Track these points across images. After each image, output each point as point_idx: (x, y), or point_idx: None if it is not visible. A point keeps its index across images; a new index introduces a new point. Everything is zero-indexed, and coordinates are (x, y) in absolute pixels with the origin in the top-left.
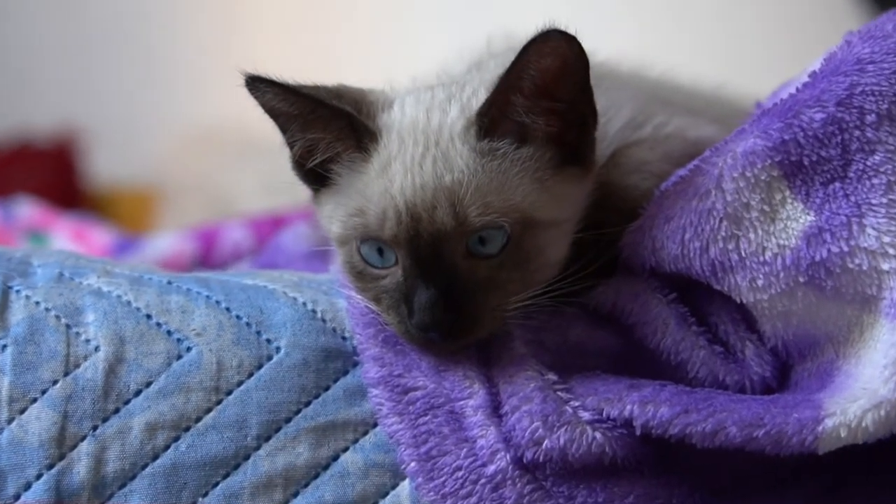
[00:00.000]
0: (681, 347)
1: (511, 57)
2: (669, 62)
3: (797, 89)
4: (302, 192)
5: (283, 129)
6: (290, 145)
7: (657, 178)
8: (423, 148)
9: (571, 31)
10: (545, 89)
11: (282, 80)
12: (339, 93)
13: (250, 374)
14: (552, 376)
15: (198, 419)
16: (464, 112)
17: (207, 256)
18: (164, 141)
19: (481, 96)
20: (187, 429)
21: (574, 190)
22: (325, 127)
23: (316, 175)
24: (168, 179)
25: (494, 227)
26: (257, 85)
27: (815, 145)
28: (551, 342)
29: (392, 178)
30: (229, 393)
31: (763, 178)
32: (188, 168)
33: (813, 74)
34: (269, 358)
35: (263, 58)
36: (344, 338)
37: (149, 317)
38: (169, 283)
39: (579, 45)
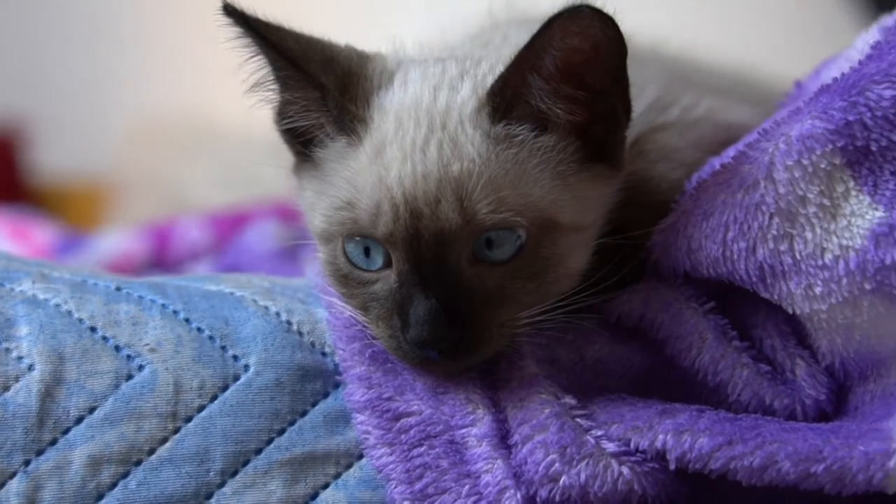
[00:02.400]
0: (720, 366)
1: (528, 32)
2: (685, 38)
3: (860, 62)
4: (267, 186)
5: (272, 72)
6: (278, 92)
7: (688, 167)
8: (427, 130)
9: (608, 9)
10: (569, 73)
11: (257, 22)
12: (333, 56)
13: (214, 398)
14: (570, 400)
15: (151, 451)
16: (476, 91)
17: (161, 257)
18: (115, 131)
19: (497, 73)
20: (138, 463)
21: (600, 191)
22: (298, 90)
23: (298, 138)
24: (119, 172)
25: (508, 227)
26: (231, 22)
27: (886, 128)
28: (567, 360)
29: (388, 164)
30: (189, 420)
31: (823, 166)
32: (141, 160)
33: (878, 45)
34: (236, 378)
35: (225, 42)
36: (324, 354)
37: (93, 329)
38: (118, 289)
39: (616, 27)
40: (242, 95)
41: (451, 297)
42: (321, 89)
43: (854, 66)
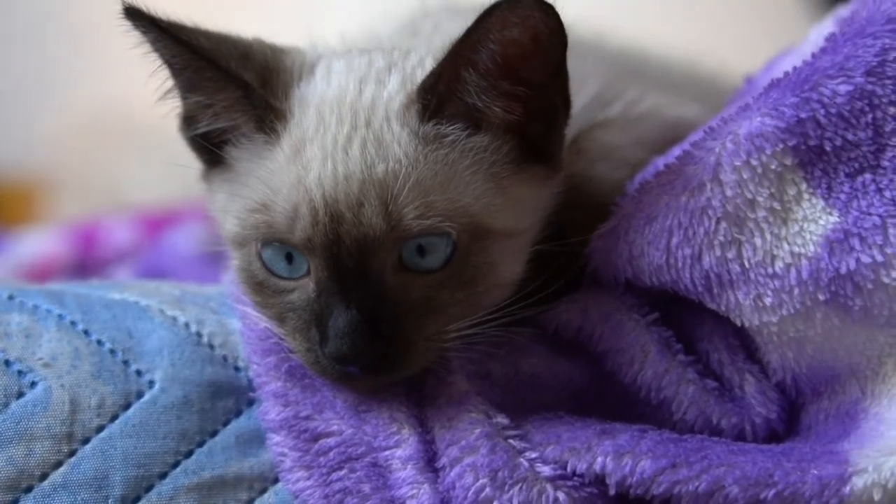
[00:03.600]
0: (664, 382)
1: (461, 21)
2: (634, 29)
3: (813, 56)
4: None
5: (172, 76)
6: (181, 98)
7: (630, 166)
8: (350, 128)
9: None
10: (507, 68)
11: (165, 22)
12: (248, 51)
13: (114, 417)
14: (502, 419)
15: (43, 476)
16: (405, 86)
17: (85, 259)
18: (48, 125)
19: (428, 67)
20: (28, 489)
21: (536, 194)
22: (216, 92)
23: (206, 145)
24: (54, 169)
25: (437, 233)
26: (136, 21)
27: (840, 126)
28: (500, 375)
29: (307, 164)
30: (86, 441)
31: (773, 167)
32: (77, 156)
33: (832, 37)
34: (140, 395)
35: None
36: (237, 368)
37: None
38: (10, 297)
39: (557, 17)
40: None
41: (373, 307)
42: (243, 87)
43: (807, 59)
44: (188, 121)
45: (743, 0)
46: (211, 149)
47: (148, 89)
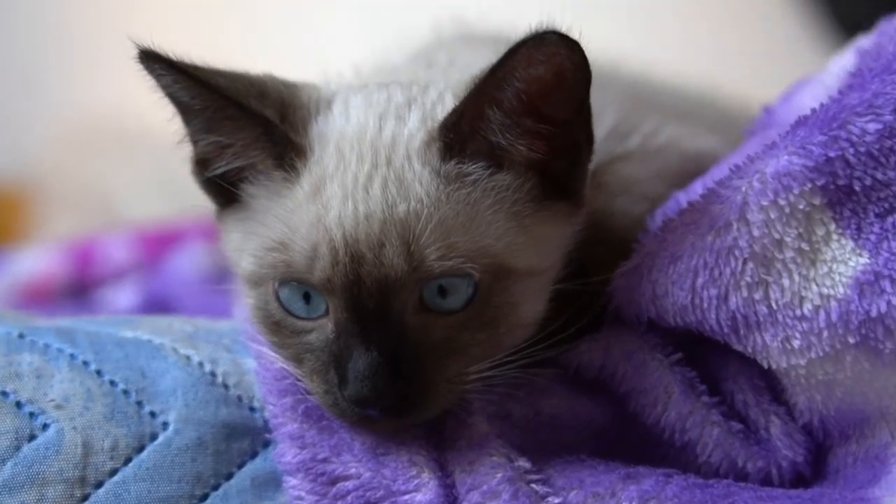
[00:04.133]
0: (688, 424)
1: (478, 53)
2: (643, 58)
3: (840, 92)
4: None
5: (185, 121)
6: (192, 142)
7: (650, 201)
8: (371, 166)
9: (574, 34)
10: (531, 106)
11: (184, 63)
12: (263, 89)
13: (128, 460)
14: (524, 463)
15: None
16: (425, 122)
17: (83, 278)
18: (38, 133)
19: (448, 104)
20: None
21: (559, 231)
22: (235, 131)
23: (221, 187)
24: (43, 179)
25: (459, 274)
26: (152, 65)
27: (869, 165)
28: (521, 416)
29: (327, 203)
30: (99, 485)
31: (801, 206)
32: (67, 166)
33: (859, 73)
34: (154, 437)
35: (161, 38)
36: (252, 409)
37: None
38: (20, 336)
39: (582, 53)
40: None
41: (394, 349)
42: (264, 124)
43: (833, 95)
44: (202, 163)
45: (748, 27)
46: (226, 188)
47: (139, 96)
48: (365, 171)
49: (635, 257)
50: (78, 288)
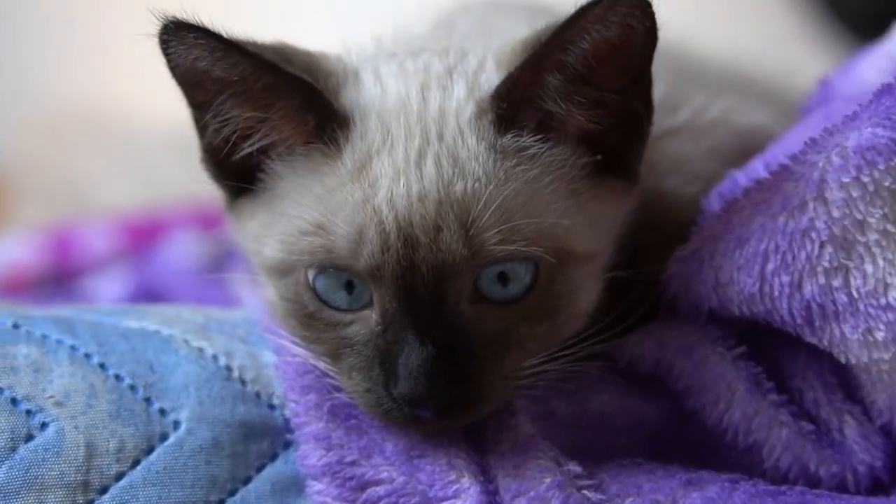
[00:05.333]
0: (754, 424)
1: (509, 18)
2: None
3: None
4: (184, 186)
5: (202, 103)
6: (204, 126)
7: (703, 180)
8: (422, 141)
9: None
10: (595, 71)
11: (219, 31)
12: (287, 56)
13: (135, 463)
14: (574, 467)
15: None
16: (472, 92)
17: (60, 268)
18: (9, 121)
19: (491, 71)
20: None
21: (613, 210)
22: (271, 103)
23: (237, 173)
24: (14, 168)
25: (520, 259)
26: (183, 35)
27: None
28: (566, 414)
29: (375, 182)
30: (104, 491)
31: (887, 184)
32: (40, 154)
33: None
34: (164, 437)
35: (140, 25)
36: (272, 407)
37: None
38: (15, 326)
39: (654, 17)
40: (156, 84)
41: (449, 343)
42: (304, 91)
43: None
44: (218, 151)
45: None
46: (245, 173)
47: (113, 83)
48: (416, 146)
49: (694, 241)
50: (55, 278)
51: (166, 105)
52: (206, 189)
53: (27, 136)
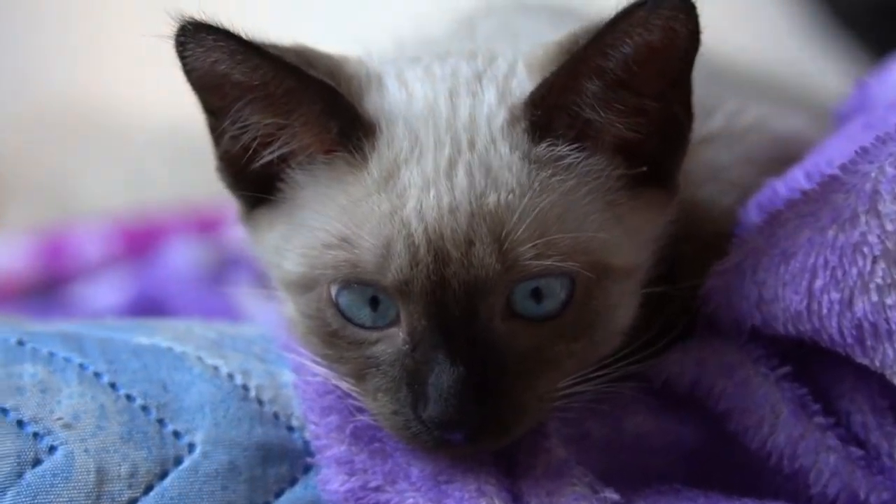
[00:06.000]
0: (800, 448)
1: (533, 20)
2: None
3: None
4: (176, 188)
5: (219, 109)
6: (220, 133)
7: (740, 190)
8: (452, 150)
9: None
10: (636, 77)
11: (239, 32)
12: (308, 59)
13: (149, 488)
14: (611, 494)
15: None
16: (504, 99)
17: (52, 273)
18: None
19: (522, 76)
20: None
21: (652, 223)
22: (294, 108)
23: (255, 183)
24: (1, 170)
25: (556, 274)
26: (201, 37)
27: None
28: (600, 436)
29: (403, 193)
30: None
31: None
32: (25, 155)
33: None
34: (178, 461)
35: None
36: (291, 429)
37: None
38: (20, 343)
39: (697, 20)
40: (147, 82)
41: (481, 362)
42: (327, 96)
43: None
44: (236, 159)
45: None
46: (263, 183)
47: (104, 82)
48: (446, 155)
49: (735, 254)
50: (46, 285)
51: (157, 105)
52: (198, 191)
53: (15, 134)
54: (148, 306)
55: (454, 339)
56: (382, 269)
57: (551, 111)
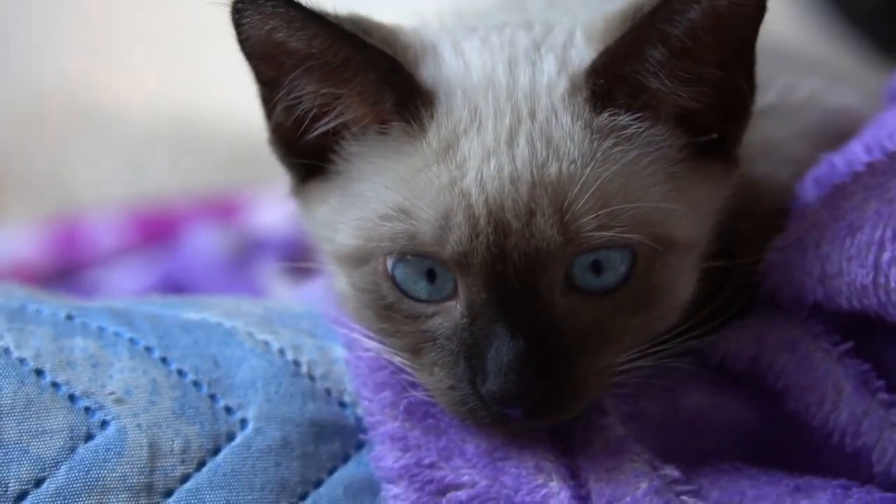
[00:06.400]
0: (863, 426)
1: None
2: None
3: None
4: (177, 178)
5: (273, 79)
6: (273, 105)
7: (795, 164)
8: (513, 120)
9: None
10: (702, 45)
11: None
12: (365, 28)
13: (201, 464)
14: (672, 471)
15: None
16: (564, 68)
17: (67, 262)
18: None
19: (581, 46)
20: None
21: (713, 196)
22: (349, 78)
23: (308, 155)
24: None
25: (619, 245)
26: (259, 3)
27: None
28: (656, 414)
29: (463, 163)
30: (169, 494)
31: None
32: (23, 145)
33: None
34: (231, 437)
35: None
36: (343, 405)
37: (39, 373)
38: (69, 317)
39: None
40: (144, 73)
41: (542, 337)
42: (385, 66)
43: None
44: (292, 129)
45: None
46: (317, 155)
47: (99, 73)
48: (506, 125)
49: (795, 229)
50: (61, 272)
51: (155, 96)
52: (198, 182)
53: (12, 128)
54: (172, 292)
55: (514, 313)
56: (441, 240)
57: (613, 80)
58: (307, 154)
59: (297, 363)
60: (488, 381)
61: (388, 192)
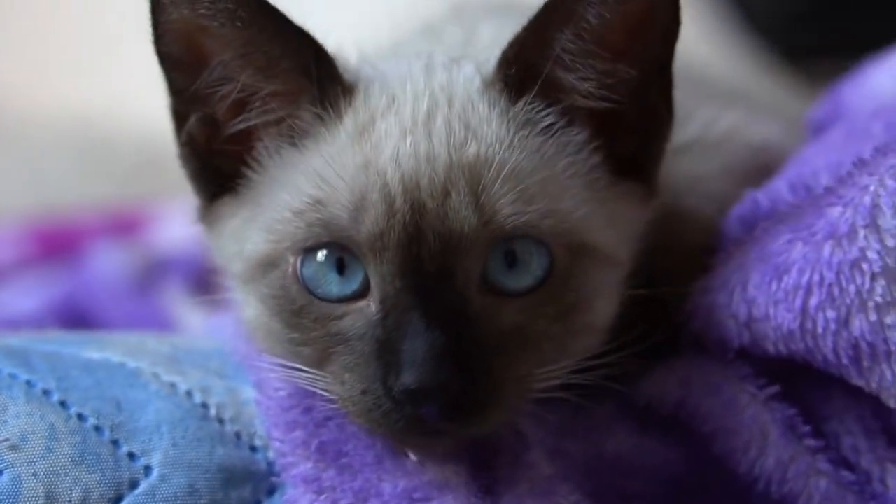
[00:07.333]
0: (789, 472)
1: (511, 20)
2: None
3: None
4: (83, 188)
5: (189, 77)
6: (186, 115)
7: (717, 202)
8: (431, 104)
9: None
10: (612, 37)
11: None
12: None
13: None
14: None
15: None
16: (480, 69)
17: None
18: None
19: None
20: None
21: (634, 216)
22: (272, 68)
23: (224, 164)
24: None
25: (533, 236)
26: None
27: None
28: (579, 455)
29: (378, 143)
30: None
31: None
32: None
33: None
34: (134, 485)
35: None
36: (254, 448)
37: None
38: None
39: (678, 3)
40: (49, 77)
41: (458, 330)
42: (308, 47)
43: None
44: (198, 142)
45: None
46: (228, 167)
47: (3, 75)
48: (424, 108)
49: (721, 270)
50: None
51: (60, 101)
52: (103, 192)
53: None
54: (71, 314)
55: (430, 302)
56: (357, 221)
57: (524, 69)
58: (218, 169)
59: (205, 405)
60: (402, 375)
61: (302, 186)
